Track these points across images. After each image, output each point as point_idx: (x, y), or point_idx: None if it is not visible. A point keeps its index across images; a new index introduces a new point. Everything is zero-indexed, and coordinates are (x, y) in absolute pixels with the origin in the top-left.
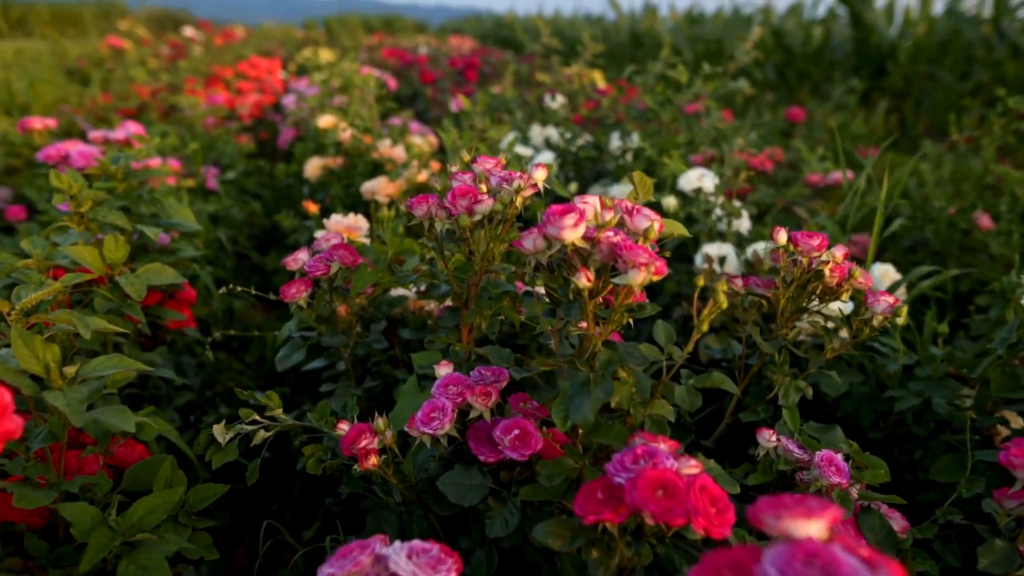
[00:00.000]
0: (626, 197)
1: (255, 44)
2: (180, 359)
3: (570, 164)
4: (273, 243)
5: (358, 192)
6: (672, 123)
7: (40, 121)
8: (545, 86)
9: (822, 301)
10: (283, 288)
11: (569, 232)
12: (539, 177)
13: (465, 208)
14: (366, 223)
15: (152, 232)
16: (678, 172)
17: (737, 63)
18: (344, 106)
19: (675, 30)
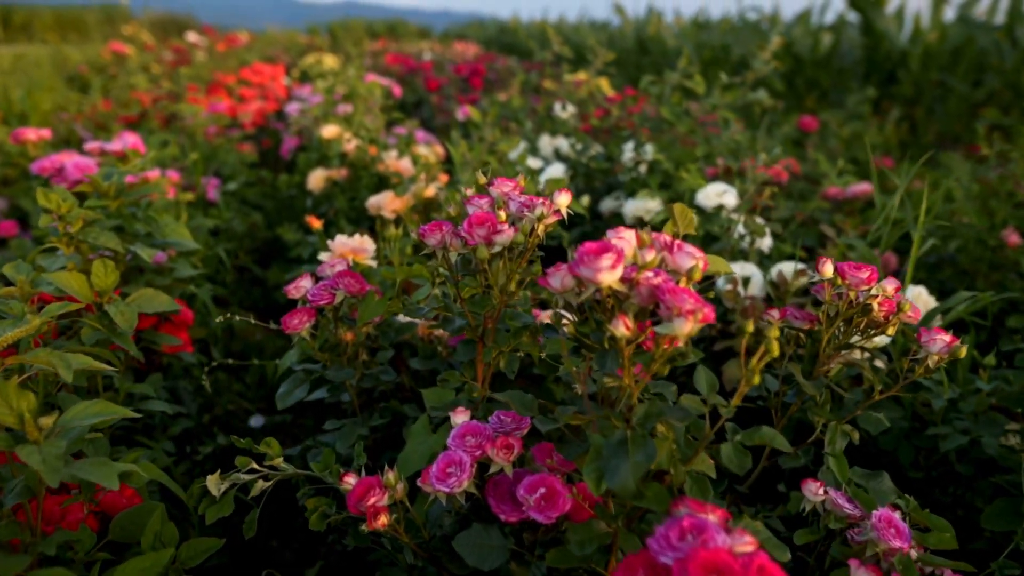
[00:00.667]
0: (647, 214)
1: (259, 50)
2: (176, 384)
3: (581, 176)
4: (275, 255)
5: (363, 205)
6: (688, 135)
7: (34, 132)
8: (555, 95)
9: (865, 336)
10: (285, 319)
11: (606, 275)
12: (562, 202)
13: (483, 238)
14: (372, 245)
15: (147, 253)
16: (696, 187)
17: (755, 73)
18: (348, 115)
19: (681, 36)
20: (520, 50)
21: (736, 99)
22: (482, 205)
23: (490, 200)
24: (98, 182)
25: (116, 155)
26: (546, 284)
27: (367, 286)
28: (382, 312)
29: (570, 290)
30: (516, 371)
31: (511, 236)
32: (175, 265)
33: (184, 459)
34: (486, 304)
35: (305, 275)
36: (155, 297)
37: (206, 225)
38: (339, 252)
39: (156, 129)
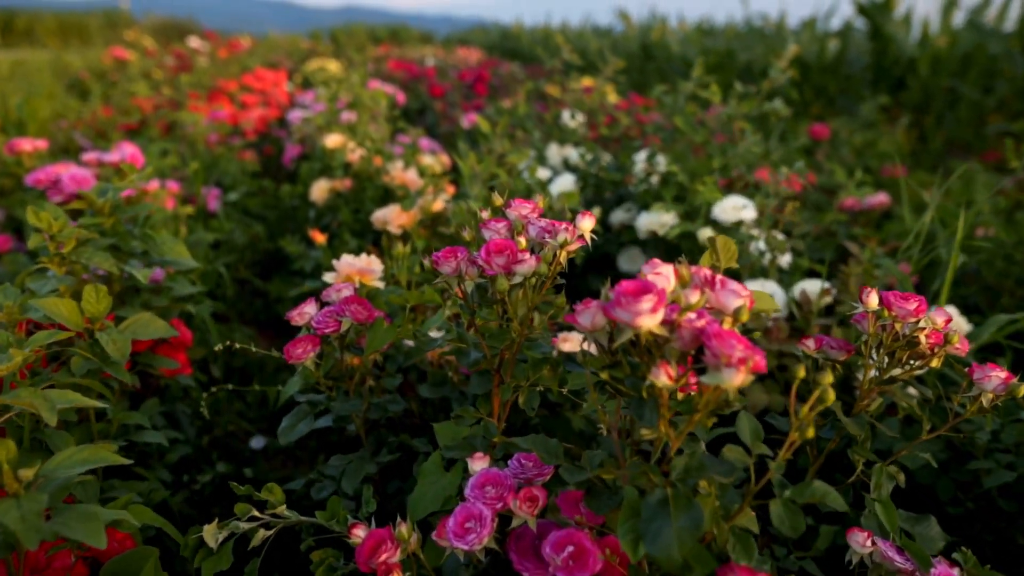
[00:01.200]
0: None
1: (261, 55)
2: (174, 407)
3: (591, 187)
4: (277, 267)
5: (368, 217)
6: (703, 146)
7: (29, 143)
8: (563, 103)
9: (907, 369)
10: (288, 348)
11: (646, 319)
12: (586, 227)
13: (502, 267)
14: (380, 265)
15: (142, 275)
16: (712, 200)
17: (771, 82)
18: (352, 124)
19: (686, 42)
20: (523, 55)
21: (752, 109)
22: (499, 230)
23: (507, 224)
24: (92, 199)
25: (114, 166)
26: (574, 322)
27: (375, 312)
28: (391, 340)
29: (601, 329)
30: (536, 407)
31: (533, 266)
32: (173, 284)
33: (182, 488)
34: (504, 337)
35: (309, 300)
36: (151, 322)
37: (206, 239)
38: (345, 273)
39: (157, 137)
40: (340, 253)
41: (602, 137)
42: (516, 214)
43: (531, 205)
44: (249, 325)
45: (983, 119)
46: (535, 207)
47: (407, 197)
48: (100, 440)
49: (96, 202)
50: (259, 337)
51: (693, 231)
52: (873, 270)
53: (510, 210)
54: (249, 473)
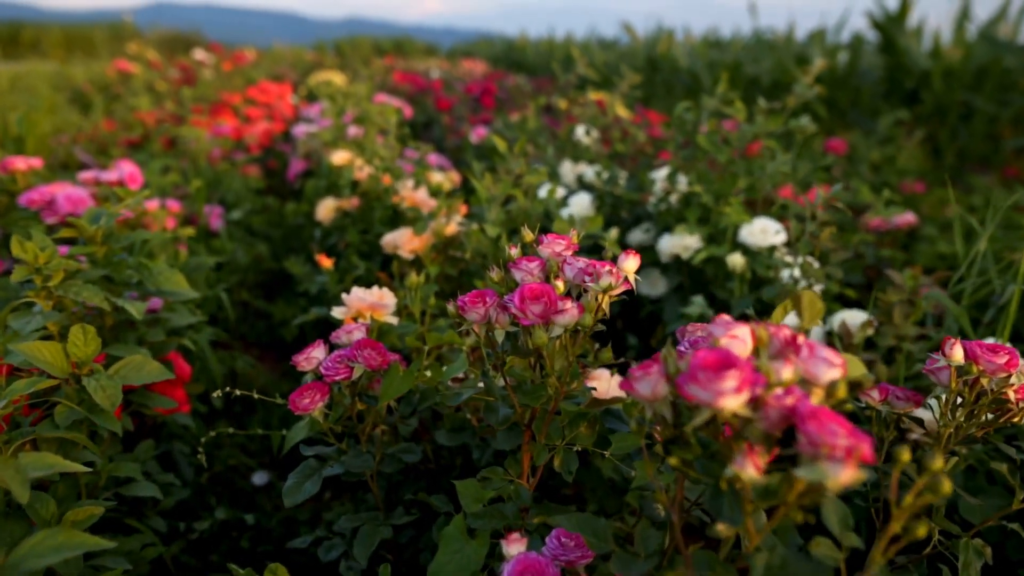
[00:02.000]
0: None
1: (265, 67)
2: (171, 447)
3: (607, 205)
4: (281, 287)
5: (376, 239)
6: (728, 164)
7: (23, 161)
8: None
9: (988, 426)
10: (294, 397)
11: (730, 400)
12: (630, 268)
13: (539, 316)
14: (392, 299)
15: (136, 309)
16: (739, 222)
17: (797, 98)
18: (360, 139)
19: (693, 55)
20: (529, 68)
21: (779, 126)
22: (532, 270)
23: (541, 264)
24: (84, 226)
25: (112, 185)
26: (630, 390)
27: (389, 357)
28: (409, 388)
29: (663, 399)
30: (575, 471)
31: (575, 316)
32: (170, 315)
33: (178, 537)
34: (539, 394)
35: (317, 343)
36: (144, 365)
37: (207, 263)
38: (355, 308)
39: (159, 152)
40: (347, 278)
41: (617, 154)
42: (549, 251)
43: (565, 241)
44: (252, 348)
45: (998, 133)
46: (569, 243)
47: (418, 219)
48: (88, 495)
49: (87, 229)
50: (262, 360)
51: (720, 256)
52: (917, 299)
53: (543, 247)
54: (250, 519)
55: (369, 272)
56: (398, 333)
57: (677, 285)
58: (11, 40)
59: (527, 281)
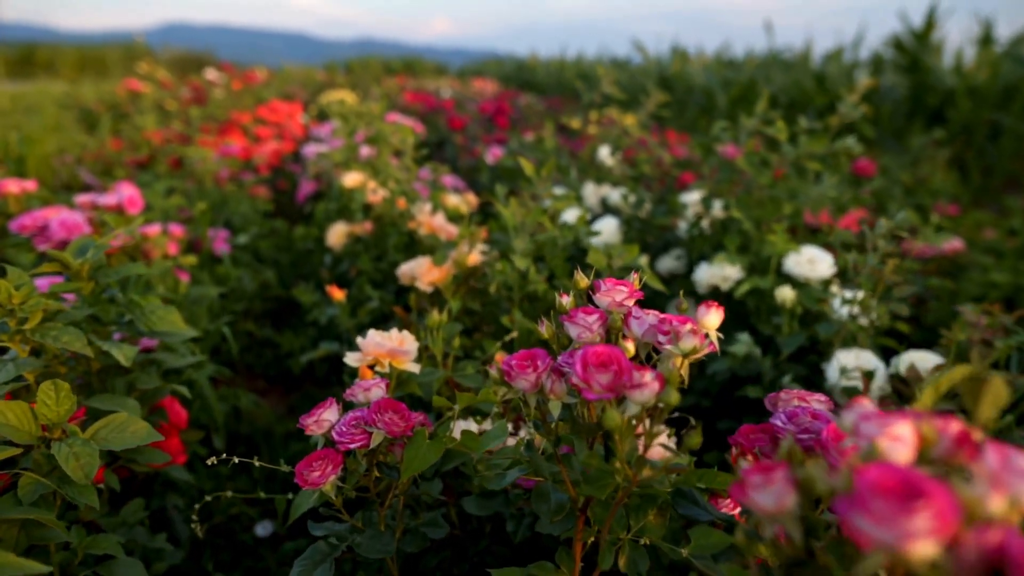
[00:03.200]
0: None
1: (276, 87)
2: (164, 502)
3: (635, 230)
4: (289, 314)
5: (390, 267)
6: (768, 188)
7: (16, 183)
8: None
9: None
10: (301, 468)
11: (922, 544)
12: (712, 324)
13: (607, 389)
14: (414, 344)
15: (123, 354)
16: (784, 252)
17: (841, 118)
18: (372, 160)
19: (708, 73)
20: (539, 87)
21: (824, 147)
22: (591, 326)
23: (601, 317)
24: (68, 260)
25: (110, 209)
26: (744, 499)
27: (413, 420)
28: (437, 459)
29: (789, 514)
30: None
31: (655, 392)
32: (166, 355)
33: None
34: (606, 483)
35: (328, 403)
36: (128, 425)
37: (209, 294)
38: (372, 354)
39: (164, 173)
40: (360, 311)
41: (642, 175)
42: (609, 300)
43: (627, 288)
44: (258, 379)
45: None
46: (631, 290)
47: (437, 247)
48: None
49: (72, 263)
50: (269, 393)
51: (764, 288)
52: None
53: (601, 295)
54: None
55: (383, 302)
56: (420, 381)
57: None
58: (26, 61)
59: (585, 339)
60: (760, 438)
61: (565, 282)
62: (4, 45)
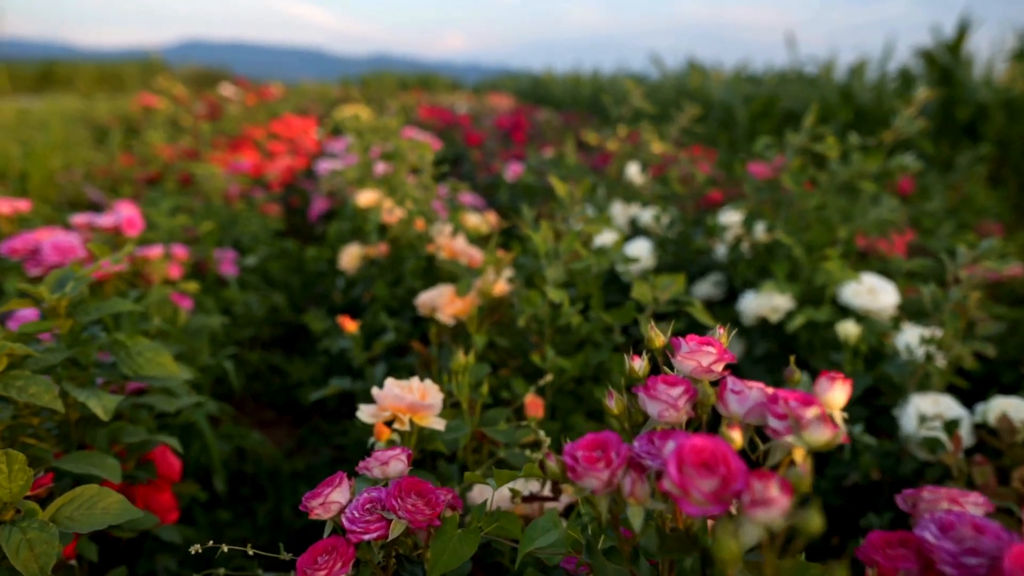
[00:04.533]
0: None
1: (292, 102)
2: (153, 566)
3: (669, 254)
4: (299, 339)
5: (407, 293)
6: (818, 210)
7: (8, 203)
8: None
9: None
10: (302, 564)
11: None
12: (837, 403)
13: (711, 499)
14: (438, 396)
15: (102, 407)
16: (840, 280)
17: (896, 133)
18: (388, 176)
19: (729, 89)
20: (555, 102)
21: (879, 165)
22: (676, 401)
23: (687, 390)
24: (44, 295)
25: (108, 231)
26: None
27: (441, 502)
28: (471, 555)
29: None
30: None
31: (783, 510)
32: (157, 399)
33: None
34: None
35: (337, 479)
36: (98, 500)
37: (211, 324)
38: (389, 408)
39: (173, 190)
40: (375, 345)
41: (674, 194)
42: (694, 365)
43: (715, 350)
44: (265, 409)
45: None
46: (721, 352)
47: (458, 274)
48: None
49: (48, 298)
50: (276, 425)
51: (821, 321)
52: None
53: (683, 359)
54: None
55: (399, 332)
56: (445, 439)
57: (764, 354)
58: (44, 78)
59: (669, 418)
60: (902, 556)
61: (601, 314)
62: (24, 62)
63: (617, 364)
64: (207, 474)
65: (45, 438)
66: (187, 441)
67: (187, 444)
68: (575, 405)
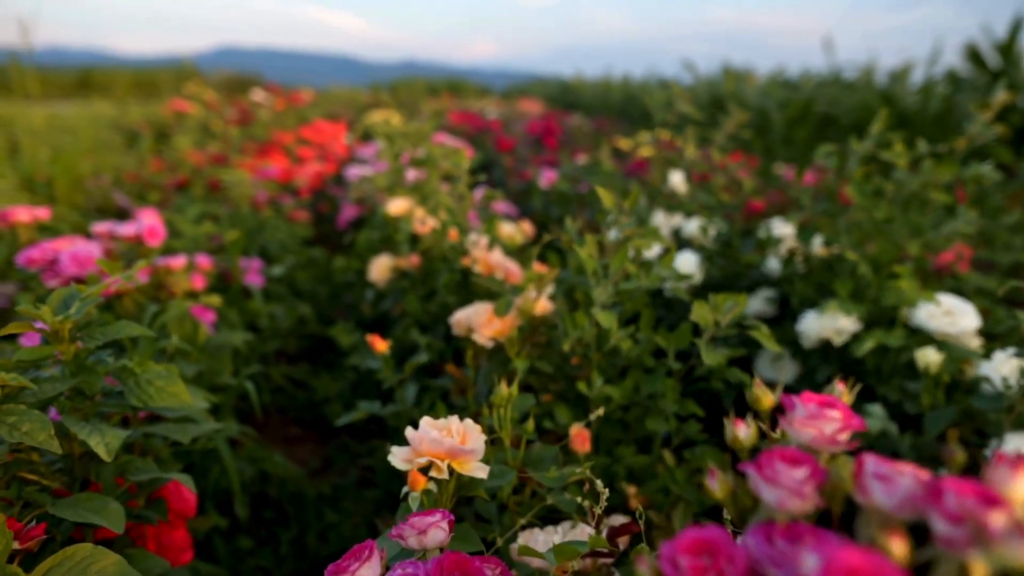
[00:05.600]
0: None
1: (322, 107)
2: None
3: (716, 267)
4: (327, 351)
5: (439, 308)
6: (885, 223)
7: (27, 212)
8: (640, 161)
9: None
10: None
11: None
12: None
13: None
14: (480, 440)
15: (104, 446)
16: (914, 301)
17: (970, 139)
18: (420, 183)
19: (763, 93)
20: (585, 107)
21: (953, 175)
22: (800, 487)
23: (813, 471)
24: (46, 317)
25: (129, 240)
26: None
27: None
28: None
29: None
30: None
31: None
32: (170, 429)
33: None
34: None
35: (367, 549)
36: (91, 563)
37: (233, 341)
38: (426, 454)
39: (200, 197)
40: (407, 367)
41: (721, 204)
42: (815, 434)
43: (839, 413)
44: (291, 424)
45: None
46: (848, 417)
47: (494, 289)
48: None
49: (51, 321)
50: (302, 441)
51: (893, 346)
52: None
53: (799, 425)
54: None
55: (431, 350)
56: (488, 487)
57: (826, 380)
58: (83, 84)
59: (792, 508)
60: None
61: (652, 336)
62: (64, 68)
63: (671, 393)
64: (228, 497)
65: (46, 474)
66: (207, 465)
67: (207, 468)
68: (622, 433)
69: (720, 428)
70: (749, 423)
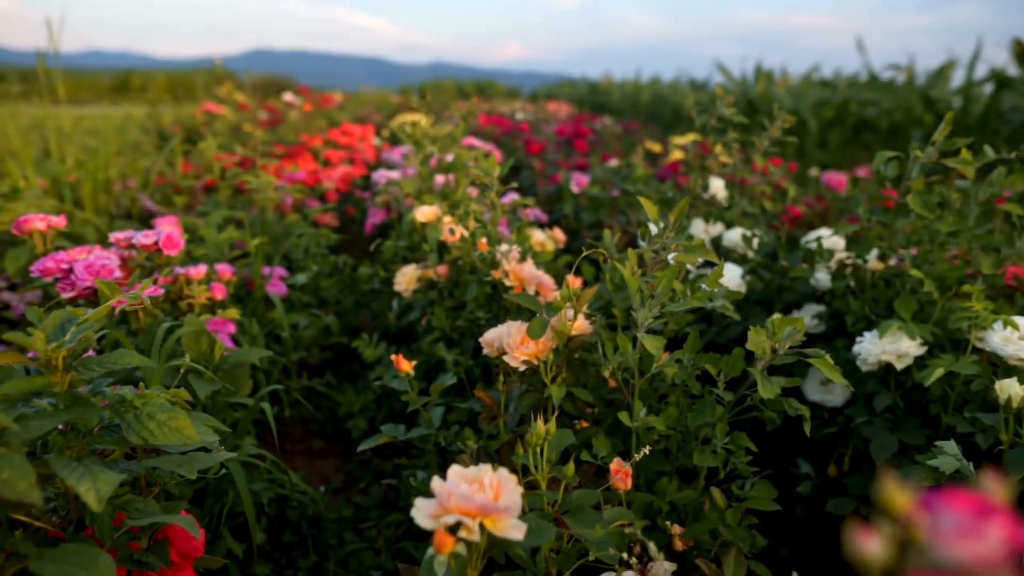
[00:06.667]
0: None
1: (351, 109)
2: None
3: (761, 281)
4: (351, 361)
5: (468, 323)
6: (950, 237)
7: (43, 219)
8: (674, 165)
9: None
10: None
11: None
12: None
13: None
14: (516, 492)
15: (95, 495)
16: (987, 324)
17: None
18: (449, 190)
19: (797, 95)
20: (613, 109)
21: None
22: None
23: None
24: (38, 345)
25: (147, 249)
26: None
27: None
28: None
29: None
30: None
31: None
32: (173, 465)
33: None
34: None
35: None
36: None
37: (251, 359)
38: (455, 509)
39: (226, 200)
40: (434, 390)
41: (764, 212)
42: (966, 558)
43: (1000, 525)
44: (313, 438)
45: None
46: (1014, 531)
47: (527, 304)
48: None
49: (43, 349)
50: (324, 456)
51: (963, 373)
52: None
53: (946, 543)
54: None
55: (458, 368)
56: (525, 547)
57: (886, 408)
58: (121, 86)
59: None
60: None
61: (697, 359)
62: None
63: (721, 426)
64: (245, 520)
65: (38, 515)
66: (222, 488)
67: (222, 492)
68: (664, 462)
69: (768, 459)
70: (880, 540)
